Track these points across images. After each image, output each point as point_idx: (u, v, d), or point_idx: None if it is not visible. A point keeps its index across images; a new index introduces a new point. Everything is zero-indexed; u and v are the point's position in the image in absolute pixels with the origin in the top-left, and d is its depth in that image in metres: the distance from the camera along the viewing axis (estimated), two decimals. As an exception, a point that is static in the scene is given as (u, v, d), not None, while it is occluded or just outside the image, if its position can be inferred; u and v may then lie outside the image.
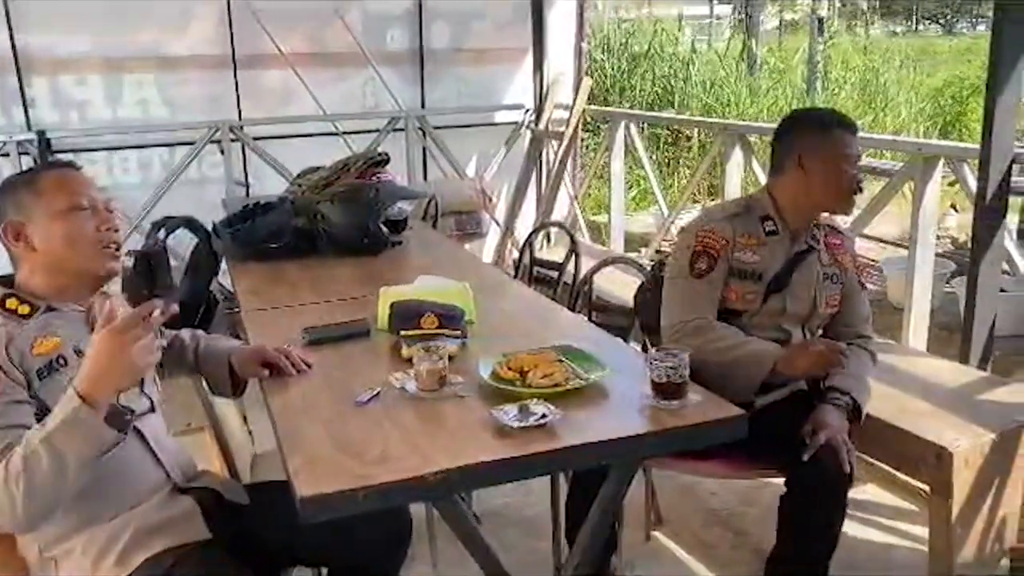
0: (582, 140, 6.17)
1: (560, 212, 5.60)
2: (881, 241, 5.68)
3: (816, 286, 2.11)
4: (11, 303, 1.53)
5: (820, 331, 2.19)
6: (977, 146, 2.91)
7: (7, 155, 4.34)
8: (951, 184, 4.06)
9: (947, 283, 4.51)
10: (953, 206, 6.10)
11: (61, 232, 1.54)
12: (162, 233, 3.26)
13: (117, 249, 1.62)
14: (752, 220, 2.10)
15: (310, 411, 1.62)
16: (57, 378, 1.47)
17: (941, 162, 3.24)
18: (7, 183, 1.61)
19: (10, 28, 4.27)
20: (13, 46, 4.30)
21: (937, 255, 3.72)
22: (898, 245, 5.52)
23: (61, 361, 1.49)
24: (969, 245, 3.03)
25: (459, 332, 1.95)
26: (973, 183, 2.95)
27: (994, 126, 2.74)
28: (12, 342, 1.46)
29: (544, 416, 1.51)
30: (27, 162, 4.37)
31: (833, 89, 11.15)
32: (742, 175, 4.59)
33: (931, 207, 3.29)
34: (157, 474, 1.61)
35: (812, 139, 2.05)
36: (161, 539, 1.53)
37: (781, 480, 2.14)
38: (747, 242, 2.07)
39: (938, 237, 3.57)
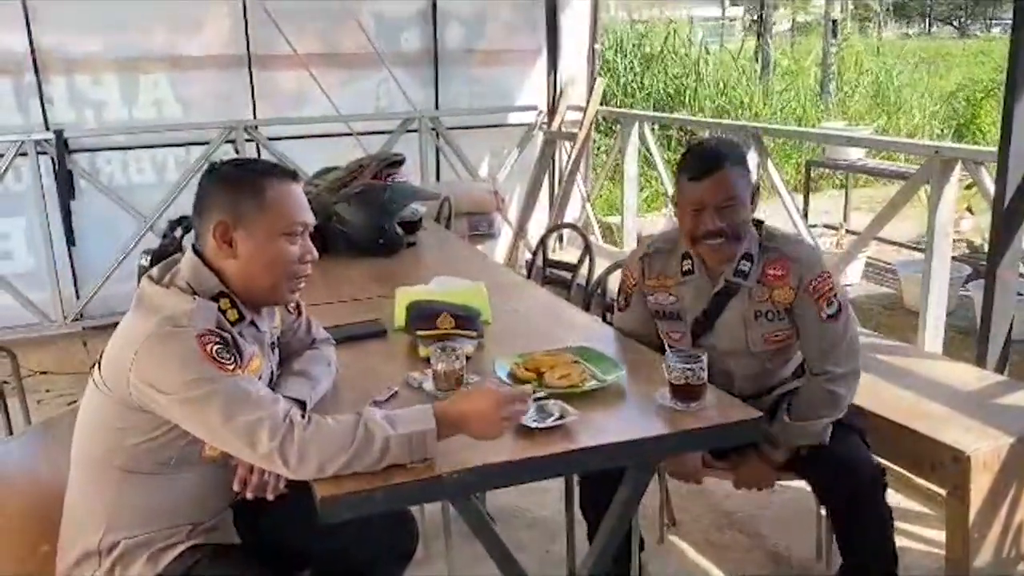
0: (593, 142, 6.15)
1: (572, 213, 5.59)
2: (893, 244, 5.64)
3: (746, 325, 1.98)
4: (224, 303, 1.45)
5: (784, 364, 2.07)
6: (994, 149, 2.89)
7: (25, 154, 4.36)
8: (967, 187, 4.03)
9: (962, 286, 4.48)
10: (968, 209, 6.05)
11: (270, 253, 1.48)
12: (179, 232, 3.27)
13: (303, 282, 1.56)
14: (672, 258, 2.05)
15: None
16: None
17: (959, 165, 3.22)
18: (227, 176, 1.53)
19: (28, 28, 4.30)
20: (32, 46, 4.33)
21: (952, 258, 3.69)
22: (913, 248, 5.49)
23: None
24: (985, 248, 3.01)
25: (475, 332, 1.96)
26: (991, 186, 2.93)
27: (1012, 129, 2.72)
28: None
29: (561, 417, 1.51)
30: (45, 162, 4.39)
31: (846, 91, 11.11)
32: (759, 174, 4.56)
33: (948, 210, 3.26)
34: (230, 496, 1.54)
35: (677, 183, 1.99)
36: (196, 539, 1.52)
37: (795, 483, 2.15)
38: (659, 283, 2.06)
39: (953, 240, 3.54)
